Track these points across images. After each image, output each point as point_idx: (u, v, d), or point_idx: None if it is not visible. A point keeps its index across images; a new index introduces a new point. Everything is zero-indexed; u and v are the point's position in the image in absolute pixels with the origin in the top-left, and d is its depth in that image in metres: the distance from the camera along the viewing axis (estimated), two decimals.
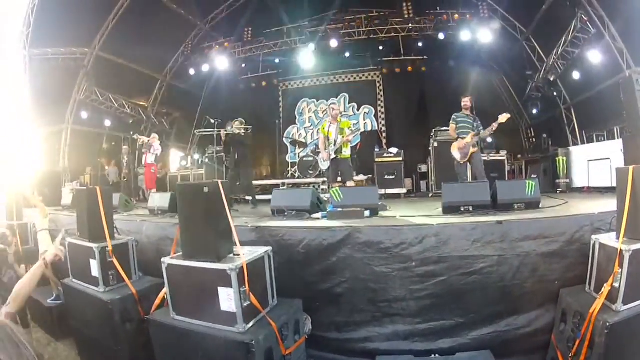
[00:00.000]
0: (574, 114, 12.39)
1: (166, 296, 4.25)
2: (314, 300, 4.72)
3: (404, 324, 4.63)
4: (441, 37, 13.49)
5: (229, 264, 3.73)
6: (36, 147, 13.82)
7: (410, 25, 14.05)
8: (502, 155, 11.41)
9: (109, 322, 4.69)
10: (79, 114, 14.21)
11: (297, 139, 15.95)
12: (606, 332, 3.36)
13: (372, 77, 16.26)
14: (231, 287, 3.67)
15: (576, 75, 11.13)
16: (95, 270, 4.97)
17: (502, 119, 7.56)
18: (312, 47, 14.57)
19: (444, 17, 13.19)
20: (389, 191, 10.42)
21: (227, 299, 3.70)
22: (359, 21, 14.39)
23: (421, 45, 14.47)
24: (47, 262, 2.90)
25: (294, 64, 15.78)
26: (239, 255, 3.95)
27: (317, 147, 13.13)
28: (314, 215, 6.20)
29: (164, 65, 16.55)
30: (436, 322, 4.58)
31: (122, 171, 12.32)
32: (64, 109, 14.00)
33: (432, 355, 4.48)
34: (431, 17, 13.46)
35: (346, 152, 8.14)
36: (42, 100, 12.66)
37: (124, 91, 15.37)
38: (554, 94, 12.60)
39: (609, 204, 4.91)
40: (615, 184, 4.22)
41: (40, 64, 12.45)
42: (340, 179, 8.22)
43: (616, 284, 3.54)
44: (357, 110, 16.22)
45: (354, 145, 8.47)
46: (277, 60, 16.23)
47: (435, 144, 11.21)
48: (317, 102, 16.99)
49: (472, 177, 8.14)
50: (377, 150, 11.82)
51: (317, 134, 15.40)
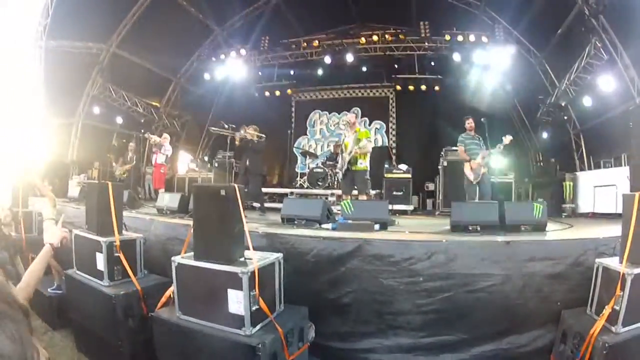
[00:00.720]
0: (582, 139, 12.36)
1: (173, 295, 4.24)
2: (319, 308, 4.70)
3: (407, 337, 4.63)
4: (456, 57, 13.50)
5: (241, 267, 3.74)
6: (46, 138, 13.89)
7: (426, 44, 14.12)
8: (510, 177, 11.39)
9: (111, 316, 4.68)
10: (91, 108, 14.24)
11: (307, 150, 15.94)
12: (605, 352, 3.43)
13: (386, 93, 16.32)
14: (241, 290, 3.68)
15: (587, 101, 11.06)
16: (101, 264, 4.98)
17: (506, 141, 7.70)
18: (327, 59, 14.67)
19: (459, 38, 13.23)
20: (396, 207, 10.41)
21: (236, 302, 3.71)
22: (375, 37, 14.41)
23: (436, 64, 14.49)
24: (54, 245, 2.88)
25: (308, 75, 15.88)
26: (250, 259, 3.96)
27: (327, 159, 13.20)
28: (323, 225, 6.23)
29: (178, 67, 16.59)
30: (439, 337, 4.58)
31: (125, 165, 12.33)
32: (77, 103, 14.05)
33: None
34: (447, 37, 13.49)
35: (362, 164, 8.17)
36: (55, 91, 12.69)
37: (137, 90, 15.41)
38: (564, 119, 12.59)
39: (614, 229, 4.94)
40: (620, 210, 4.26)
41: (55, 56, 12.45)
42: (355, 191, 8.25)
43: (617, 307, 3.63)
44: (369, 125, 16.24)
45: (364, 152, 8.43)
46: (292, 70, 16.27)
47: (444, 163, 11.24)
48: (329, 114, 17.07)
49: (480, 197, 8.16)
50: (386, 166, 11.82)
51: (328, 145, 15.53)
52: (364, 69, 15.52)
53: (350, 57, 14.51)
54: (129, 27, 13.55)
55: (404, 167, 11.64)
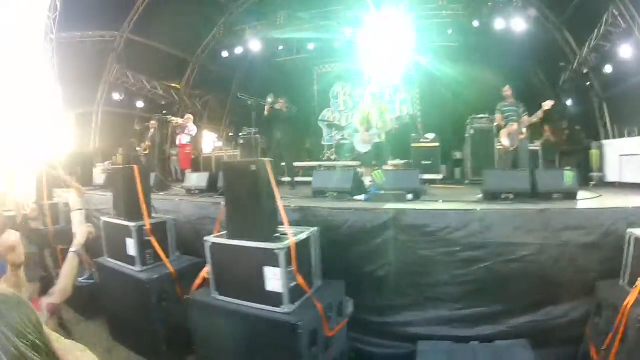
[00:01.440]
0: (606, 107, 11.98)
1: (208, 276, 4.20)
2: (356, 282, 4.64)
3: (445, 309, 4.58)
4: (475, 24, 13.15)
5: (277, 244, 3.69)
6: (67, 130, 13.93)
7: (443, 12, 13.77)
8: (537, 145, 11.15)
9: (145, 301, 4.70)
10: (110, 95, 14.27)
11: (333, 122, 15.74)
12: (638, 326, 3.25)
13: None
14: (278, 266, 3.62)
15: (608, 68, 10.76)
16: (131, 249, 4.96)
17: (547, 106, 7.49)
18: (349, 30, 14.34)
19: (478, 5, 12.87)
20: (425, 176, 10.21)
21: (274, 279, 3.66)
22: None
23: (456, 31, 14.10)
24: (79, 244, 2.84)
25: (329, 48, 15.48)
26: (285, 235, 3.89)
27: (353, 131, 13.03)
28: (355, 197, 6.10)
29: (195, 47, 16.40)
30: (477, 309, 4.51)
31: (145, 143, 12.36)
32: (94, 91, 14.11)
33: (472, 342, 4.37)
34: (465, 4, 13.14)
35: (383, 136, 8.10)
36: (71, 82, 12.71)
37: (155, 73, 15.38)
38: (588, 86, 12.23)
39: None
40: None
41: (68, 47, 12.45)
42: (375, 162, 8.14)
43: None
44: (393, 94, 15.88)
45: (389, 129, 8.35)
46: (312, 43, 15.75)
47: (471, 131, 10.99)
48: (352, 85, 16.51)
49: (515, 165, 8.00)
50: (413, 135, 11.65)
51: (354, 117, 15.26)
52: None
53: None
54: (141, 12, 13.47)
55: (431, 135, 11.44)
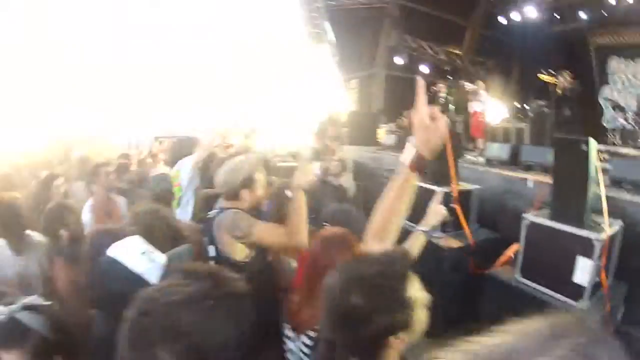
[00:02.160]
0: None
1: (516, 255, 4.17)
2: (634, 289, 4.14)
3: None
4: None
5: (596, 234, 3.50)
6: (346, 93, 15.44)
7: None
8: None
9: (437, 269, 4.62)
10: (391, 60, 14.95)
11: (618, 102, 13.67)
12: None
13: None
14: (591, 258, 3.48)
15: None
16: None
17: None
18: None
19: None
20: None
21: (584, 271, 3.53)
22: None
23: None
24: (430, 224, 2.58)
25: (604, 16, 13.30)
26: (599, 224, 3.69)
27: (635, 114, 11.70)
28: None
29: (469, 12, 16.00)
30: None
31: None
32: (372, 55, 15.10)
33: None
34: None
35: None
36: (345, 48, 13.83)
37: (435, 38, 15.57)
38: None
39: None
40: None
41: (339, 15, 13.54)
42: None
43: None
44: None
45: None
46: (583, 10, 13.77)
47: None
48: (634, 62, 13.66)
49: None
50: None
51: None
52: None
53: None
54: None
55: None
